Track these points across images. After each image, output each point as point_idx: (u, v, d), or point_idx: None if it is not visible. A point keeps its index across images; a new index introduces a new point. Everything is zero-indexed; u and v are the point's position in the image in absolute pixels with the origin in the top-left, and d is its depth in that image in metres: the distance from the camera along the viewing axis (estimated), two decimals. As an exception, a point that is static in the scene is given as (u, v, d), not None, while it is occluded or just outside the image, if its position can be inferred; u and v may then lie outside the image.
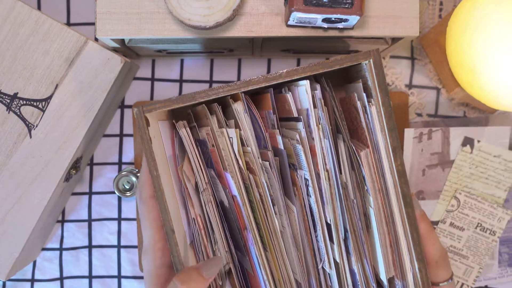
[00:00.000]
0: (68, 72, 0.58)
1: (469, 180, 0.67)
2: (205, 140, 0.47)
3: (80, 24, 0.66)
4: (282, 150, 0.46)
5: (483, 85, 0.54)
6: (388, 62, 0.67)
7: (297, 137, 0.45)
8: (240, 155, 0.46)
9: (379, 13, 0.54)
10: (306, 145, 0.45)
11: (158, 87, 0.67)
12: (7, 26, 0.57)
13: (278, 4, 0.54)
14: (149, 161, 0.43)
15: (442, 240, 0.67)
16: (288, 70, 0.44)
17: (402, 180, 0.45)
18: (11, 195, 0.58)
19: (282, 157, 0.46)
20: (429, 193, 0.67)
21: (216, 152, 0.46)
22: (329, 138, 0.45)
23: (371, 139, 0.46)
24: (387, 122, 0.45)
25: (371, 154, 0.46)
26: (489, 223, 0.66)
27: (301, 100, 0.46)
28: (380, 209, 0.46)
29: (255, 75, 0.67)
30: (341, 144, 0.47)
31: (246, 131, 0.46)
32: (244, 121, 0.46)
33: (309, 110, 0.45)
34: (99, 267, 0.67)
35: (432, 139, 0.66)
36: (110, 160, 0.67)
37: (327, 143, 0.45)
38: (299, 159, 0.46)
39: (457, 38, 0.55)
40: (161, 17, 0.54)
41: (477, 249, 0.67)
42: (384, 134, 0.45)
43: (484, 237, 0.67)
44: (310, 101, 0.45)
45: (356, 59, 0.44)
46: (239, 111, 0.46)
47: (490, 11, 0.52)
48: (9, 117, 0.58)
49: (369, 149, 0.46)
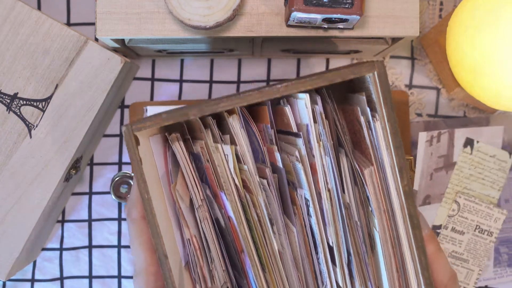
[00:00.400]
0: (68, 72, 0.58)
1: (468, 181, 0.67)
2: (200, 155, 0.45)
3: (80, 24, 0.66)
4: (281, 168, 0.44)
5: (483, 85, 0.54)
6: (388, 62, 0.67)
7: (297, 154, 0.43)
8: (236, 173, 0.44)
9: (379, 13, 0.54)
10: (307, 164, 0.43)
11: (158, 87, 0.67)
12: (7, 26, 0.57)
13: (278, 4, 0.54)
14: (140, 183, 0.41)
15: (445, 246, 0.67)
16: (286, 84, 0.42)
17: (409, 201, 0.43)
18: (11, 195, 0.58)
19: (281, 175, 0.44)
20: (434, 197, 0.67)
21: (211, 169, 0.44)
22: (330, 155, 0.43)
23: (376, 156, 0.44)
24: (393, 140, 0.42)
25: (375, 172, 0.44)
26: (487, 224, 0.66)
27: (300, 115, 0.44)
28: (386, 231, 0.44)
29: (255, 75, 0.67)
30: (344, 160, 0.45)
31: (242, 147, 0.44)
32: (241, 137, 0.44)
33: (309, 126, 0.43)
34: (99, 267, 0.67)
35: (440, 142, 0.65)
36: (110, 160, 0.67)
37: (329, 161, 0.43)
38: (299, 178, 0.44)
39: (457, 38, 0.55)
40: (161, 17, 0.54)
41: (476, 251, 0.67)
42: (390, 153, 0.43)
43: (482, 238, 0.67)
44: (310, 117, 0.43)
45: (359, 71, 0.42)
46: (234, 125, 0.44)
47: (491, 11, 0.52)
48: (9, 117, 0.58)
49: (373, 167, 0.44)
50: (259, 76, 0.67)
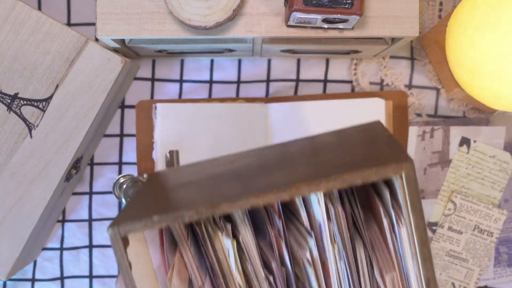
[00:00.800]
0: (68, 72, 0.58)
1: (466, 181, 0.67)
2: (200, 241, 0.41)
3: (81, 24, 0.66)
4: (290, 272, 0.40)
5: (483, 85, 0.54)
6: (388, 62, 0.67)
7: (308, 256, 0.39)
8: (239, 271, 0.40)
9: (379, 13, 0.54)
10: (319, 267, 0.39)
11: (158, 87, 0.67)
12: (8, 26, 0.57)
13: (278, 4, 0.54)
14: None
15: (442, 245, 0.67)
16: (297, 185, 0.36)
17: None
18: (12, 195, 0.58)
19: (288, 274, 0.40)
20: (429, 192, 0.67)
21: (216, 264, 0.40)
22: (345, 259, 0.38)
23: (399, 263, 0.39)
24: (420, 251, 0.37)
25: (398, 280, 0.40)
26: (486, 224, 0.66)
27: (313, 210, 0.39)
28: None
29: (255, 75, 0.67)
30: (361, 252, 0.40)
31: (247, 243, 0.40)
32: (244, 230, 0.40)
33: (322, 225, 0.38)
34: (99, 267, 0.67)
35: (434, 137, 0.66)
36: (110, 160, 0.67)
37: (343, 266, 0.39)
38: (309, 281, 0.40)
39: (457, 38, 0.55)
40: (161, 17, 0.54)
41: (476, 251, 0.67)
42: (417, 263, 0.38)
43: (482, 238, 0.67)
44: (323, 216, 0.38)
45: (384, 173, 0.36)
46: (238, 218, 0.40)
47: (490, 11, 0.52)
48: (9, 117, 0.58)
49: (396, 273, 0.39)
50: (259, 76, 0.67)
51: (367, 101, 0.63)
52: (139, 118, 0.64)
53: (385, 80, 0.67)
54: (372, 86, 0.67)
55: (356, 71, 0.67)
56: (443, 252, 0.66)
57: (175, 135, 0.61)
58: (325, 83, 0.67)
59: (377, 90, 0.67)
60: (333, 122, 0.63)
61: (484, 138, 0.66)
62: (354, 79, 0.67)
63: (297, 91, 0.67)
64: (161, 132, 0.62)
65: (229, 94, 0.67)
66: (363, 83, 0.67)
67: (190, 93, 0.67)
